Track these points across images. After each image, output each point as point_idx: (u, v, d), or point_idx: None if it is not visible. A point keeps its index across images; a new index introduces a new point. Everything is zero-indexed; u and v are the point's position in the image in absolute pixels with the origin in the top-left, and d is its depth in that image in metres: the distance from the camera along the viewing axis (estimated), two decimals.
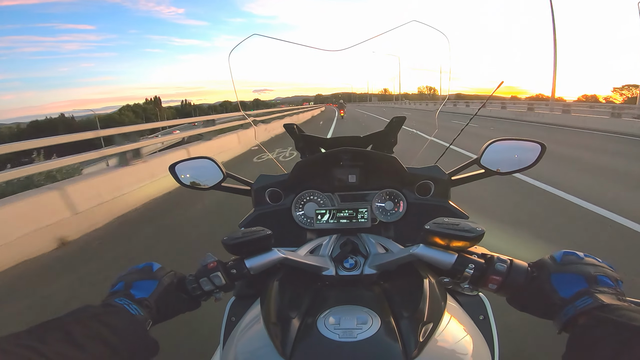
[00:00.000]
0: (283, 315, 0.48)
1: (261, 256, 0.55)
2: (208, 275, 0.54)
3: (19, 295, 2.34)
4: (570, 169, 5.04)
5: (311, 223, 0.81)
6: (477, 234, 0.47)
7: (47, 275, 2.61)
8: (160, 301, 0.52)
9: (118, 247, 3.12)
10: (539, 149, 0.73)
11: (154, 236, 3.35)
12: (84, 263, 2.78)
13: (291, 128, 0.94)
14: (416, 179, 0.81)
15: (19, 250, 2.84)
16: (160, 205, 4.45)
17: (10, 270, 2.71)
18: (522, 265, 0.48)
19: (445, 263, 0.49)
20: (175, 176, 0.84)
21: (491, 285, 0.48)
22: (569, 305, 0.42)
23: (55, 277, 2.56)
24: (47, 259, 2.91)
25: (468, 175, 0.81)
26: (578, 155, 6.20)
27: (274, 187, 0.84)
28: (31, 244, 2.93)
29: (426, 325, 0.44)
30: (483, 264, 0.49)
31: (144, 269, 0.56)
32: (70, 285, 2.43)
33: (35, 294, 2.33)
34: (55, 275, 2.58)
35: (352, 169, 0.83)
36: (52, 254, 3.01)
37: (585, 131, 10.51)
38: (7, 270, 2.70)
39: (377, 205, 0.82)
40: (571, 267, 0.45)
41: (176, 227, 3.53)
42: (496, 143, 0.76)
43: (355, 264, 0.62)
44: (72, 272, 2.63)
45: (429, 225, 0.50)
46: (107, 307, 0.47)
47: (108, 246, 3.13)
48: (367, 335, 0.43)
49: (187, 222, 3.65)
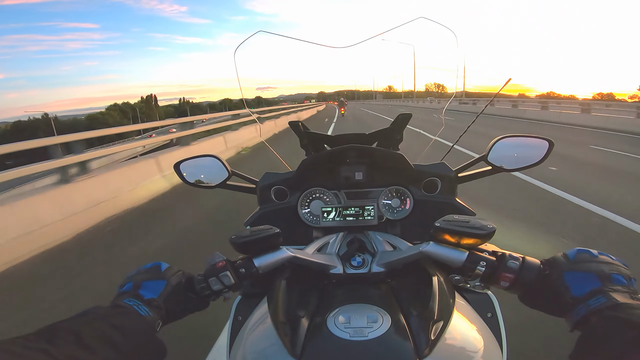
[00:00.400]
0: (291, 314, 0.48)
1: (270, 255, 0.54)
2: (217, 275, 0.53)
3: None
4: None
5: (317, 221, 0.81)
6: (488, 232, 0.46)
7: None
8: (169, 301, 0.52)
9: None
10: (546, 146, 0.72)
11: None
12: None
13: (296, 125, 0.94)
14: (423, 176, 0.81)
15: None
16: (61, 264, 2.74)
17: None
18: (535, 263, 0.48)
19: (456, 260, 0.49)
20: (180, 174, 0.84)
21: (503, 283, 0.48)
22: (582, 304, 0.41)
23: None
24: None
25: (475, 172, 0.80)
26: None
27: (280, 185, 0.84)
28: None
29: (437, 323, 0.44)
30: (495, 261, 0.48)
31: (152, 269, 0.55)
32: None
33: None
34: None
35: (358, 166, 0.83)
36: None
37: (618, 134, 9.12)
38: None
39: (383, 203, 0.81)
40: (584, 265, 0.45)
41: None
42: (503, 140, 0.75)
43: (363, 262, 0.61)
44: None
45: (439, 223, 0.50)
46: (117, 308, 0.47)
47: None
48: (378, 333, 0.42)
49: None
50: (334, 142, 0.93)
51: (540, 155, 0.73)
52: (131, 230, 3.55)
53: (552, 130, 10.43)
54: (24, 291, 2.40)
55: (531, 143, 0.75)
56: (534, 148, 0.74)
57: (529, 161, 0.74)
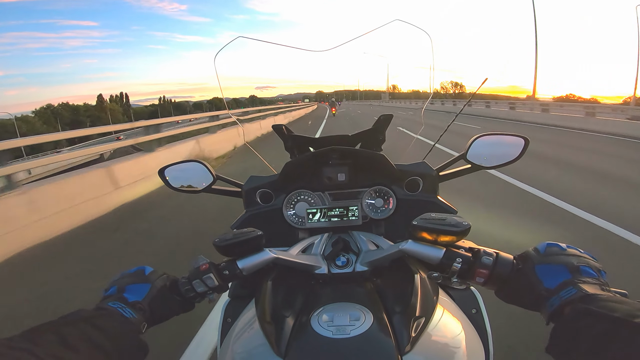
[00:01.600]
0: (277, 314, 0.49)
1: (253, 257, 0.55)
2: (200, 277, 0.54)
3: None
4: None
5: (303, 222, 0.81)
6: (463, 229, 0.48)
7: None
8: (153, 304, 0.52)
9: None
10: (522, 143, 0.75)
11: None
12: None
13: (279, 129, 0.95)
14: (404, 176, 0.82)
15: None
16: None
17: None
18: (508, 258, 0.49)
19: (433, 258, 0.50)
20: (165, 180, 0.83)
21: (478, 279, 0.49)
22: (554, 295, 0.42)
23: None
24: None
25: (455, 171, 0.83)
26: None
27: (265, 187, 0.84)
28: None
29: (418, 320, 0.45)
30: (470, 257, 0.49)
31: (136, 273, 0.56)
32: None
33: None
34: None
35: (341, 167, 0.84)
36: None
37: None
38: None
39: (367, 203, 0.82)
40: (554, 257, 0.46)
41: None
42: (481, 138, 0.77)
43: (347, 261, 0.63)
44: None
45: (416, 221, 0.51)
46: (100, 311, 0.47)
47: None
48: (360, 331, 0.43)
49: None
50: (317, 144, 0.94)
51: (516, 152, 0.75)
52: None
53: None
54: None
55: (507, 141, 0.77)
56: (510, 145, 0.77)
57: (506, 158, 0.76)
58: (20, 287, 2.36)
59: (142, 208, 4.03)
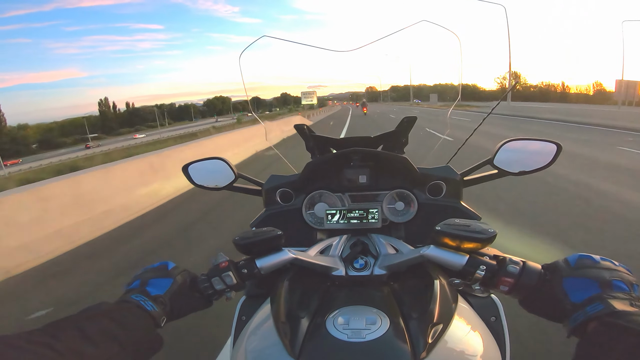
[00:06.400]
0: (292, 314, 0.49)
1: (272, 256, 0.56)
2: (220, 275, 0.55)
3: None
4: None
5: (321, 223, 0.81)
6: (488, 236, 0.46)
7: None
8: (174, 299, 0.54)
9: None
10: (554, 149, 0.71)
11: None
12: None
13: (301, 129, 0.95)
14: (427, 179, 0.80)
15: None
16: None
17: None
18: (535, 268, 0.48)
19: (456, 264, 0.49)
20: (188, 176, 0.85)
21: (502, 287, 0.48)
22: (580, 310, 0.41)
23: None
24: None
25: (481, 176, 0.80)
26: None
27: (285, 187, 0.85)
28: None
29: (436, 326, 0.44)
30: (495, 265, 0.48)
31: (159, 268, 0.57)
32: None
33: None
34: None
35: (362, 169, 0.83)
36: None
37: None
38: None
39: (387, 206, 0.81)
40: (585, 271, 0.44)
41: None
42: (510, 143, 0.74)
43: (365, 264, 0.62)
44: None
45: (439, 227, 0.50)
46: (121, 304, 0.49)
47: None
48: (375, 335, 0.43)
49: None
50: (339, 145, 0.93)
51: (547, 158, 0.72)
52: None
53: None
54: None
55: (538, 146, 0.74)
56: (541, 151, 0.73)
57: (536, 165, 0.73)
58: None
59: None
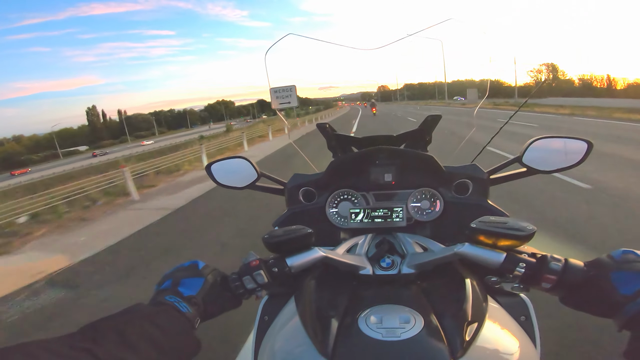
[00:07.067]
0: (322, 313, 0.48)
1: (302, 254, 0.55)
2: (251, 274, 0.54)
3: None
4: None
5: (345, 222, 0.81)
6: (527, 233, 0.45)
7: None
8: (207, 299, 0.53)
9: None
10: (585, 147, 0.69)
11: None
12: None
13: (324, 127, 0.95)
14: (454, 178, 0.79)
15: None
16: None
17: None
18: (578, 265, 0.46)
19: (493, 262, 0.48)
20: (212, 176, 0.86)
21: (544, 284, 0.47)
22: (632, 302, 0.41)
23: None
24: None
25: (508, 174, 0.78)
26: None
27: (308, 186, 0.85)
28: None
29: (471, 325, 0.43)
30: (535, 262, 0.47)
31: (190, 267, 0.56)
32: None
33: None
34: None
35: (387, 167, 0.82)
36: None
37: None
38: None
39: (412, 205, 0.80)
40: (632, 265, 0.44)
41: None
42: (539, 141, 0.73)
43: (392, 263, 0.61)
44: None
45: (474, 224, 0.49)
46: (158, 306, 0.48)
47: None
48: (411, 334, 0.42)
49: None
50: (361, 144, 0.93)
51: (578, 157, 0.70)
52: None
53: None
54: None
55: (569, 144, 0.72)
56: (571, 149, 0.71)
57: (566, 163, 0.71)
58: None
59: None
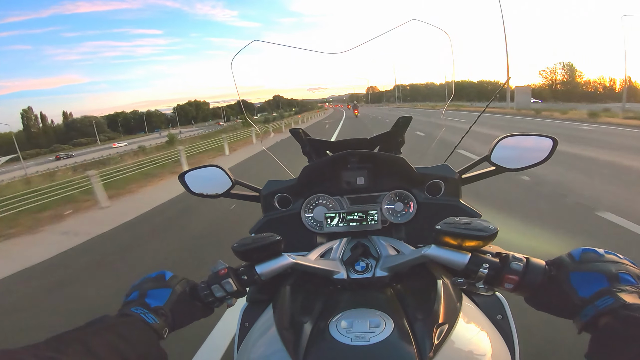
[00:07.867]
0: (295, 319, 0.48)
1: (271, 262, 0.55)
2: (219, 282, 0.54)
3: None
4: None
5: (321, 227, 0.81)
6: (489, 233, 0.46)
7: None
8: (175, 309, 0.53)
9: None
10: (550, 144, 0.71)
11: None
12: None
13: (297, 132, 0.95)
14: (426, 179, 0.80)
15: None
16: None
17: None
18: (539, 264, 0.47)
19: (458, 263, 0.48)
20: (185, 185, 0.85)
21: (507, 285, 0.47)
22: (589, 305, 0.41)
23: None
24: None
25: (479, 173, 0.80)
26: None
27: (283, 192, 0.84)
28: None
29: (441, 326, 0.44)
30: (498, 263, 0.48)
31: (157, 278, 0.56)
32: None
33: None
34: None
35: (359, 171, 0.83)
36: None
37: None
38: None
39: (386, 207, 0.81)
40: (591, 265, 0.44)
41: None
42: (506, 139, 0.74)
43: (367, 266, 0.61)
44: None
45: (439, 225, 0.49)
46: (124, 317, 0.48)
47: None
48: (380, 338, 0.42)
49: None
50: (335, 147, 0.93)
51: (544, 154, 0.72)
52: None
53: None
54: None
55: (534, 141, 0.74)
56: (537, 146, 0.73)
57: (533, 160, 0.73)
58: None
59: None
